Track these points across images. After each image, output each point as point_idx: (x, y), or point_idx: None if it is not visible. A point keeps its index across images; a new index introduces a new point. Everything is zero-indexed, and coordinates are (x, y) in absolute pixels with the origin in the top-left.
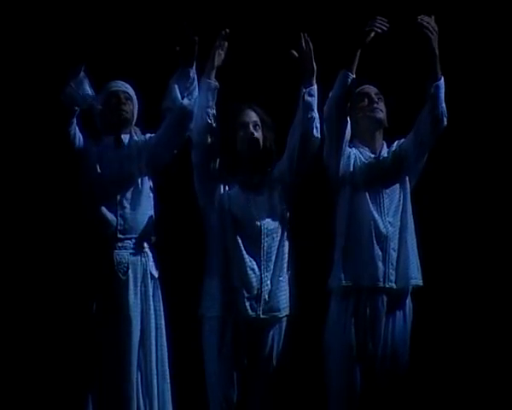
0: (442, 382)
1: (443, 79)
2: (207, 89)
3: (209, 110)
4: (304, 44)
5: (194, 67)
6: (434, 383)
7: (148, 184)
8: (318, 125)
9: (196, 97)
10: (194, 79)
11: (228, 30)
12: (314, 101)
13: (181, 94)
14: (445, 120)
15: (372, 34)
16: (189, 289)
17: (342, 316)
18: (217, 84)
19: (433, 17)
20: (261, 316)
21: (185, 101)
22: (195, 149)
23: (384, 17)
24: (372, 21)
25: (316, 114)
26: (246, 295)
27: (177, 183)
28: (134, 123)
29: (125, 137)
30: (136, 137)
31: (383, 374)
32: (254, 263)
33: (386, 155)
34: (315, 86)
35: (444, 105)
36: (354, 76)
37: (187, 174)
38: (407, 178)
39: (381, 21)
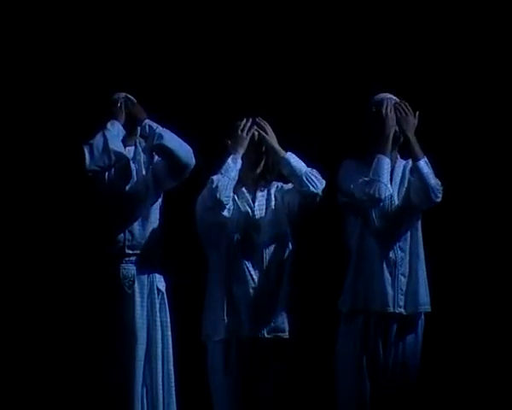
0: (452, 396)
1: (424, 159)
2: (235, 164)
3: (230, 180)
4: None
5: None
6: (444, 399)
7: (156, 199)
8: (313, 177)
9: (169, 135)
10: (150, 125)
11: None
12: (291, 168)
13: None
14: (438, 195)
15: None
16: (194, 304)
17: (352, 337)
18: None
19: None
20: (266, 336)
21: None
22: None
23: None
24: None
25: (302, 173)
26: (249, 315)
27: (184, 198)
28: (139, 134)
29: (130, 150)
30: (141, 149)
31: (393, 389)
32: (258, 282)
33: (400, 173)
34: (286, 155)
35: (433, 182)
36: (390, 159)
37: (194, 190)
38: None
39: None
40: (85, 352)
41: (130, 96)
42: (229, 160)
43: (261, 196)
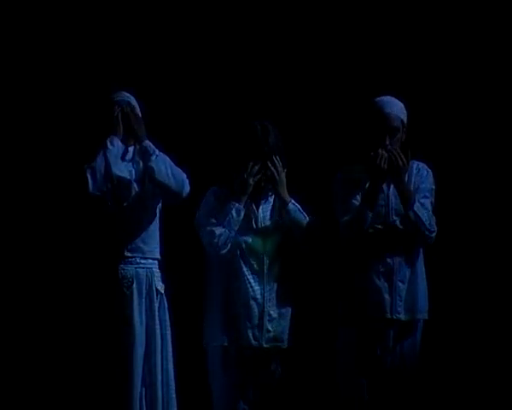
0: (451, 393)
1: (414, 206)
2: (239, 216)
3: (231, 232)
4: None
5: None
6: (443, 401)
7: (156, 203)
8: (309, 234)
9: (161, 166)
10: (147, 150)
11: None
12: (290, 220)
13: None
14: (428, 241)
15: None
16: (195, 306)
17: (349, 339)
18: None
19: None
20: (264, 345)
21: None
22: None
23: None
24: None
25: (301, 227)
26: (248, 324)
27: (185, 200)
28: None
29: (130, 151)
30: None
31: (392, 390)
32: (257, 292)
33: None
34: (288, 206)
35: (421, 229)
36: (371, 214)
37: (195, 191)
38: None
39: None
40: (84, 352)
41: (134, 107)
42: (234, 211)
43: (265, 202)
